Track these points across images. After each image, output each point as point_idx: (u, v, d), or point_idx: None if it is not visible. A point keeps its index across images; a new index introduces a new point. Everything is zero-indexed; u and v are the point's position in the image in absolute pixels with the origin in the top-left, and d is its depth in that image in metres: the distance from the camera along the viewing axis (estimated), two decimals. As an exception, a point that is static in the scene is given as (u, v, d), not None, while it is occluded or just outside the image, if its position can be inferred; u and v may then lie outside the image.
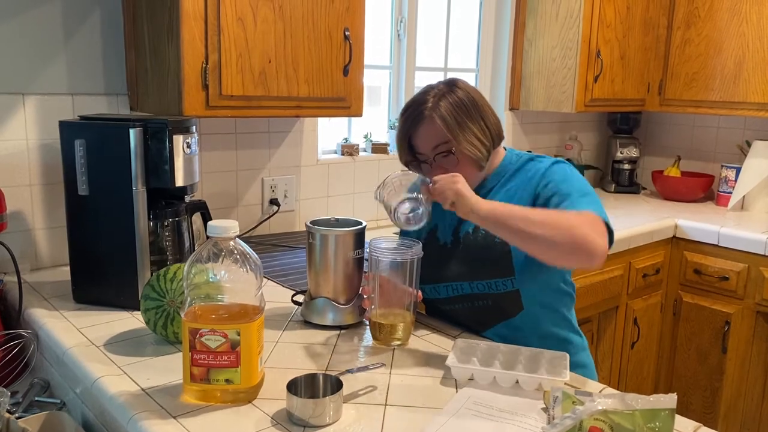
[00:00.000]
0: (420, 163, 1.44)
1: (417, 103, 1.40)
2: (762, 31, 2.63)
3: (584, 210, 1.28)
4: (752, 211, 2.83)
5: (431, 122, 1.37)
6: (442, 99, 1.38)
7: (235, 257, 1.05)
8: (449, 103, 1.38)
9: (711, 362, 2.55)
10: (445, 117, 1.37)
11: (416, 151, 1.42)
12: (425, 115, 1.38)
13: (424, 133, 1.39)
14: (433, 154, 1.40)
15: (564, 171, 1.40)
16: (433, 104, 1.38)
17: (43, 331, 1.38)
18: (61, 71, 1.72)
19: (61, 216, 1.61)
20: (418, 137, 1.41)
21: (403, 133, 1.43)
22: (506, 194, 1.42)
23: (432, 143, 1.39)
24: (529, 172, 1.43)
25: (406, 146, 1.43)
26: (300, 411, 1.00)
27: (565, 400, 0.77)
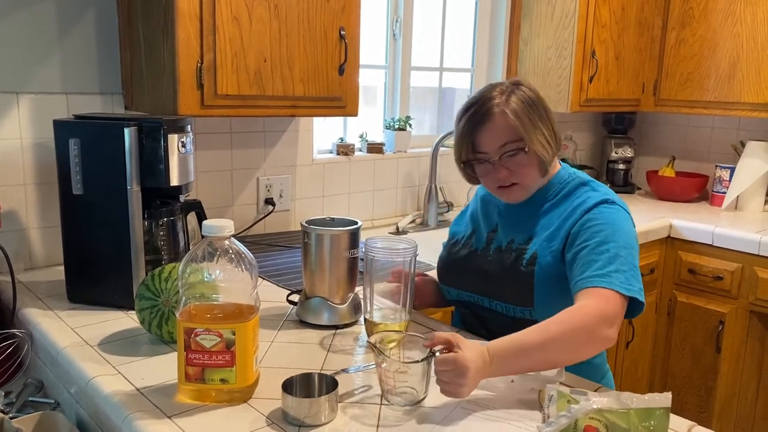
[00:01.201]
0: (480, 164, 1.36)
1: (484, 99, 1.32)
2: (756, 31, 2.64)
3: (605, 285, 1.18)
4: (746, 211, 2.84)
5: (503, 118, 1.30)
6: (511, 95, 1.31)
7: (230, 257, 1.05)
8: (520, 100, 1.31)
9: (705, 362, 2.55)
10: (518, 113, 1.30)
11: (478, 150, 1.34)
12: (495, 111, 1.30)
13: (493, 129, 1.31)
14: (499, 153, 1.31)
15: (614, 215, 1.29)
16: (503, 100, 1.30)
17: (37, 330, 1.38)
18: (55, 70, 1.71)
19: (55, 215, 1.60)
20: (484, 134, 1.32)
21: (468, 129, 1.33)
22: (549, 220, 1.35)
23: (500, 141, 1.31)
24: (576, 201, 1.34)
25: (469, 144, 1.34)
26: (295, 410, 1.00)
27: (560, 399, 0.77)
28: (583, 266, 1.23)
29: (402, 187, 2.59)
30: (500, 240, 1.42)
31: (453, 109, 2.96)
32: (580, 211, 1.31)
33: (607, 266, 1.21)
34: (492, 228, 1.45)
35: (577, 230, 1.29)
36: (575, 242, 1.28)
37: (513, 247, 1.38)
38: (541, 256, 1.33)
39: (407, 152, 2.59)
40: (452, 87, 2.92)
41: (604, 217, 1.29)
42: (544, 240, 1.35)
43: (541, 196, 1.40)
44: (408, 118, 2.60)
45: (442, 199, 2.62)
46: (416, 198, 2.65)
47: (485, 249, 1.43)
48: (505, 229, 1.43)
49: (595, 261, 1.23)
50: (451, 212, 2.66)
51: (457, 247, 1.50)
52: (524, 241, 1.38)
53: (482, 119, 1.31)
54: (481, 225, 1.49)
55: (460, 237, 1.51)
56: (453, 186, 2.76)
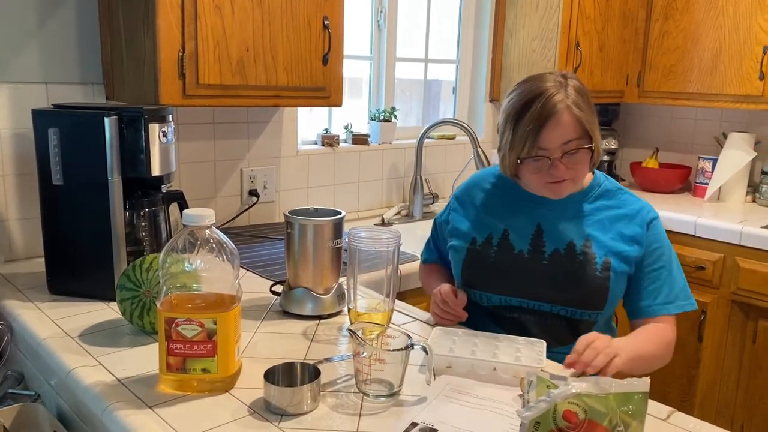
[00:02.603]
0: (536, 161, 1.30)
1: (546, 94, 1.26)
2: (738, 23, 2.66)
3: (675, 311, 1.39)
4: (728, 202, 2.87)
5: (568, 115, 1.26)
6: (569, 88, 1.27)
7: (211, 246, 1.04)
8: (577, 92, 1.28)
9: (687, 351, 2.58)
10: (582, 108, 1.27)
11: (540, 147, 1.28)
12: (560, 108, 1.25)
13: (559, 126, 1.26)
14: (561, 151, 1.27)
15: (664, 232, 1.41)
16: (565, 94, 1.26)
17: (17, 322, 1.36)
18: (34, 59, 1.69)
19: (35, 206, 1.58)
20: (550, 131, 1.26)
21: (535, 127, 1.26)
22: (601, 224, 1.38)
23: (565, 138, 1.27)
24: (626, 207, 1.39)
25: (532, 141, 1.27)
26: (277, 400, 1.00)
27: (540, 384, 0.78)
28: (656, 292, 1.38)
29: (387, 178, 2.59)
30: (555, 243, 1.38)
31: (438, 101, 2.96)
32: (641, 221, 1.38)
33: (673, 290, 1.38)
34: (534, 229, 1.40)
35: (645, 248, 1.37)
36: (645, 263, 1.38)
37: (576, 251, 1.36)
38: (614, 263, 1.35)
39: (392, 144, 2.59)
40: (438, 78, 2.92)
41: (661, 235, 1.40)
42: (609, 244, 1.36)
43: (582, 196, 1.41)
44: (393, 109, 2.60)
45: (427, 190, 2.63)
46: (401, 189, 2.65)
47: (536, 252, 1.38)
48: (555, 231, 1.39)
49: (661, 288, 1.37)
50: (436, 204, 2.66)
51: (490, 249, 1.41)
52: (584, 245, 1.36)
53: (548, 116, 1.26)
54: (513, 223, 1.41)
55: (485, 238, 1.43)
56: (438, 177, 2.77)
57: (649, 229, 1.37)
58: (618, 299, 1.40)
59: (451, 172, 2.80)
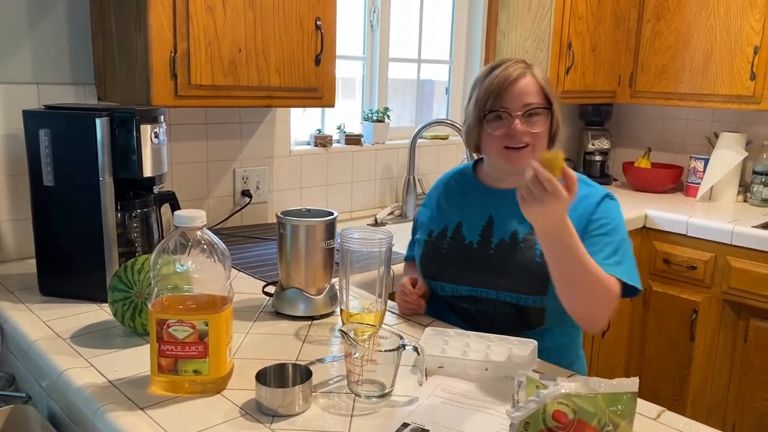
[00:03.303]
0: (498, 119, 1.38)
1: (514, 61, 1.40)
2: (729, 24, 2.68)
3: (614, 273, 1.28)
4: (720, 202, 2.89)
5: (532, 81, 1.38)
6: (533, 67, 1.41)
7: (202, 247, 1.04)
8: (542, 71, 1.42)
9: (680, 350, 2.60)
10: (546, 81, 1.41)
11: (502, 105, 1.38)
12: (527, 73, 1.38)
13: (523, 87, 1.37)
14: (522, 111, 1.36)
15: (617, 210, 1.41)
16: (530, 68, 1.40)
17: (8, 324, 1.36)
18: (25, 60, 1.68)
19: (26, 207, 1.58)
20: (514, 90, 1.37)
21: (497, 83, 1.37)
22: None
23: (527, 99, 1.37)
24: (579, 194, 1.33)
25: (494, 97, 1.38)
26: (269, 401, 1.00)
27: (529, 384, 0.78)
28: (595, 254, 1.28)
29: (380, 178, 2.59)
30: (501, 232, 1.42)
31: (431, 101, 2.97)
32: (588, 204, 1.38)
33: (612, 257, 1.31)
34: (486, 220, 1.45)
35: (586, 223, 1.35)
36: (586, 230, 1.35)
37: (519, 239, 1.40)
38: None
39: (385, 144, 2.59)
40: (431, 79, 2.92)
41: (609, 211, 1.39)
42: None
43: None
44: (386, 109, 2.60)
45: (420, 190, 2.63)
46: (395, 190, 2.65)
47: (484, 242, 1.43)
48: (503, 221, 1.43)
49: (601, 251, 1.32)
50: (430, 204, 2.66)
51: (444, 241, 1.48)
52: (528, 232, 1.39)
53: (511, 76, 1.37)
54: (467, 217, 1.47)
55: (441, 230, 1.49)
56: (431, 177, 2.76)
57: (598, 207, 1.38)
58: None
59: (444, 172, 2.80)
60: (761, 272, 2.35)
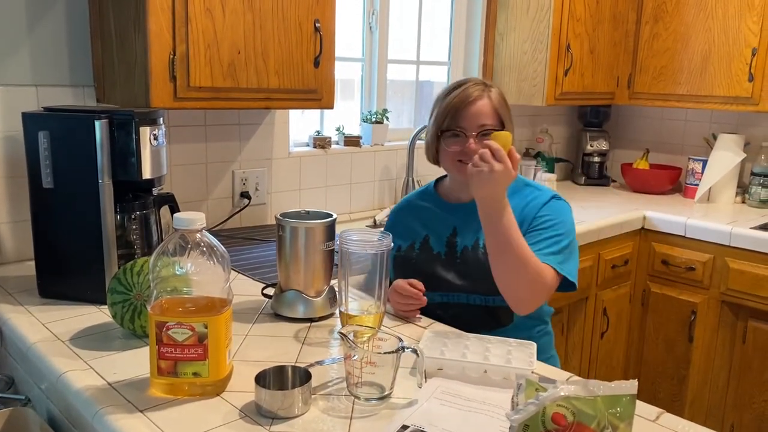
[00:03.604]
0: (454, 137, 1.48)
1: (473, 83, 1.48)
2: (727, 26, 2.68)
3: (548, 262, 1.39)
4: (718, 203, 2.89)
5: (488, 103, 1.46)
6: (492, 88, 1.49)
7: (201, 249, 1.04)
8: (498, 93, 1.50)
9: (678, 351, 2.60)
10: (502, 103, 1.49)
11: (457, 124, 1.47)
12: (484, 95, 1.47)
13: (479, 109, 1.46)
14: (477, 131, 1.45)
15: (563, 210, 1.50)
16: (488, 90, 1.48)
17: (7, 326, 1.36)
18: (24, 62, 1.68)
19: (25, 209, 1.58)
20: (470, 111, 1.46)
21: (456, 103, 1.46)
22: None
23: (481, 121, 1.46)
24: (527, 198, 1.51)
25: (451, 117, 1.47)
26: (268, 403, 1.00)
27: (529, 387, 0.78)
28: (534, 245, 1.41)
29: (379, 180, 2.59)
30: (465, 242, 1.53)
31: (430, 103, 2.96)
32: (534, 205, 1.49)
33: (551, 247, 1.42)
34: (451, 231, 1.55)
35: (531, 220, 1.47)
36: (531, 227, 1.47)
37: (480, 245, 1.50)
38: None
39: (384, 145, 2.60)
40: (429, 80, 2.93)
41: (554, 209, 1.49)
42: None
43: None
44: (385, 111, 2.60)
45: (419, 192, 2.63)
46: (393, 191, 2.65)
47: (450, 252, 1.53)
48: (467, 231, 1.53)
49: (541, 242, 1.43)
50: (429, 205, 2.66)
51: (413, 253, 1.58)
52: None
53: (468, 98, 1.46)
54: (433, 230, 1.57)
55: (408, 244, 1.58)
56: (430, 179, 2.76)
57: (543, 206, 1.48)
58: None
59: (443, 173, 2.80)
60: (759, 273, 2.35)
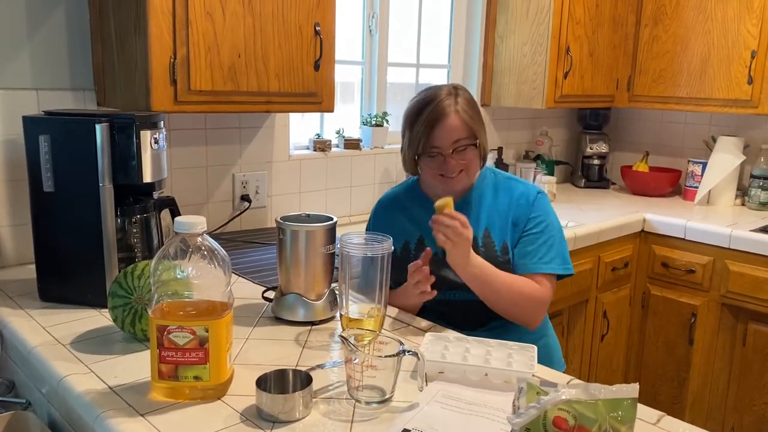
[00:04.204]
0: (431, 157, 1.49)
1: (436, 100, 1.46)
2: (726, 28, 2.69)
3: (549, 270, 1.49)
4: (718, 205, 2.89)
5: (456, 118, 1.46)
6: (459, 97, 1.48)
7: (202, 253, 1.04)
8: (468, 102, 1.49)
9: (678, 353, 2.60)
10: (469, 114, 1.48)
11: (432, 145, 1.47)
12: (450, 111, 1.45)
13: (447, 128, 1.45)
14: (451, 148, 1.46)
15: (548, 206, 1.55)
16: (455, 101, 1.47)
17: (7, 330, 1.36)
18: (24, 65, 1.68)
19: (26, 213, 1.58)
20: (441, 131, 1.46)
21: (426, 127, 1.46)
22: (495, 211, 1.54)
23: (454, 137, 1.46)
24: (514, 193, 1.55)
25: (425, 140, 1.47)
26: (269, 407, 1.00)
27: (530, 390, 0.78)
28: (532, 253, 1.49)
29: (379, 183, 2.59)
30: None
31: (430, 105, 2.96)
32: (523, 204, 1.53)
33: (547, 254, 1.49)
34: None
35: (526, 218, 1.52)
36: (525, 228, 1.52)
37: (479, 243, 1.51)
38: (510, 245, 1.52)
39: (384, 148, 2.60)
40: (430, 83, 2.92)
41: (543, 208, 1.54)
42: (505, 229, 1.53)
43: (475, 192, 1.57)
44: (385, 113, 2.60)
45: (419, 194, 2.63)
46: (393, 194, 2.65)
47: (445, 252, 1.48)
48: None
49: (538, 251, 1.49)
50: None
51: (409, 254, 1.57)
52: (484, 235, 1.53)
53: (438, 117, 1.46)
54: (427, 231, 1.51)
55: (402, 245, 1.58)
56: (430, 182, 2.77)
57: (533, 204, 1.53)
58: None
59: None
60: (759, 276, 2.35)
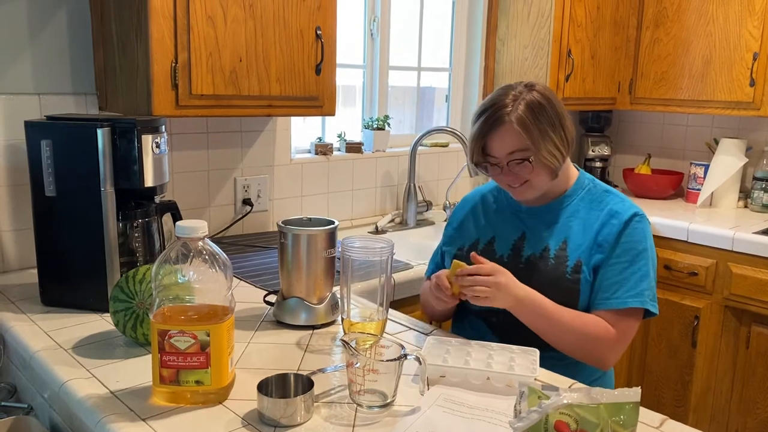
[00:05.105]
0: (490, 166, 1.40)
1: (497, 106, 1.35)
2: (728, 30, 2.69)
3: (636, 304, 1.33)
4: (720, 208, 2.89)
5: (509, 128, 1.33)
6: (522, 103, 1.34)
7: (204, 257, 1.04)
8: (530, 109, 1.33)
9: (681, 356, 2.59)
10: (526, 123, 1.32)
11: (488, 154, 1.38)
12: (505, 120, 1.33)
13: (500, 138, 1.35)
14: (507, 160, 1.36)
15: (645, 232, 1.38)
16: (514, 108, 1.33)
17: (9, 334, 1.36)
18: (26, 70, 1.69)
19: (28, 218, 1.58)
20: (494, 141, 1.36)
21: (479, 136, 1.37)
22: (581, 225, 1.41)
23: (508, 149, 1.35)
24: (605, 209, 1.40)
25: (479, 148, 1.39)
26: (271, 411, 1.00)
27: (531, 394, 0.78)
28: (618, 284, 1.34)
29: (381, 186, 2.59)
30: (533, 247, 1.43)
31: (431, 109, 2.97)
32: (617, 222, 1.38)
33: (638, 287, 1.34)
34: (519, 235, 1.46)
35: (614, 241, 1.37)
36: (611, 252, 1.36)
37: (550, 255, 1.40)
38: (585, 265, 1.38)
39: (386, 151, 2.60)
40: (431, 86, 2.93)
41: (637, 234, 1.37)
42: (583, 247, 1.39)
43: (565, 201, 1.45)
44: (386, 117, 2.60)
45: (421, 198, 2.63)
46: (395, 197, 2.65)
47: (514, 256, 1.44)
48: (535, 236, 1.44)
49: (627, 280, 1.34)
50: (430, 211, 2.67)
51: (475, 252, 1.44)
52: (559, 248, 1.41)
53: (492, 126, 1.35)
54: (500, 231, 1.49)
55: (471, 243, 1.50)
56: (432, 185, 2.77)
57: (626, 227, 1.37)
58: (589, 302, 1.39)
59: (445, 179, 2.81)
60: (762, 278, 2.34)
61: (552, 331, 1.33)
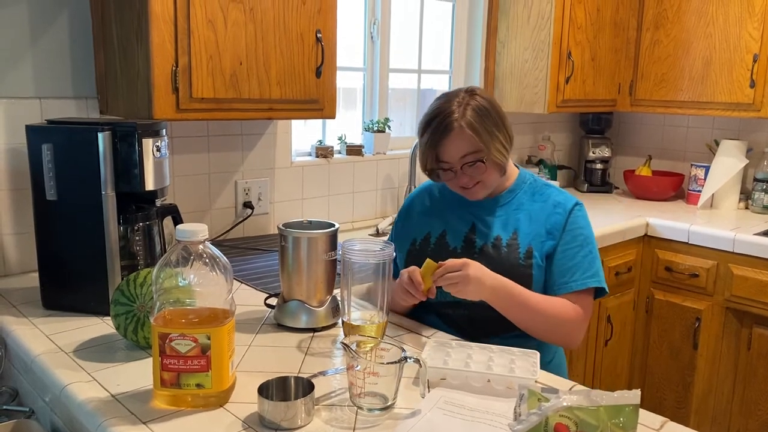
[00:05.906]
0: (443, 171, 1.45)
1: (445, 113, 1.40)
2: (728, 32, 2.69)
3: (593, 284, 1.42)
4: (721, 209, 2.89)
5: (461, 133, 1.38)
6: (468, 108, 1.39)
7: (204, 261, 1.05)
8: (475, 111, 1.40)
9: (683, 358, 2.59)
10: (475, 127, 1.39)
11: (441, 160, 1.43)
12: (455, 126, 1.38)
13: (453, 143, 1.40)
14: (460, 164, 1.41)
15: (586, 219, 1.50)
16: (461, 114, 1.39)
17: (11, 338, 1.36)
18: (27, 74, 1.69)
19: (29, 221, 1.58)
20: (446, 147, 1.41)
21: (432, 144, 1.42)
22: (528, 216, 1.48)
23: (461, 152, 1.40)
24: (549, 201, 1.49)
25: (432, 156, 1.43)
26: (271, 414, 1.00)
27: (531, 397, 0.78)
28: (574, 268, 1.43)
29: (381, 188, 2.60)
30: (484, 238, 1.48)
31: (432, 111, 2.97)
32: (562, 211, 1.47)
33: (589, 269, 1.44)
34: (469, 227, 1.51)
35: (562, 229, 1.45)
36: (561, 239, 1.45)
37: (502, 243, 1.46)
38: (537, 251, 1.45)
39: (386, 154, 2.60)
40: (431, 88, 2.93)
41: (581, 221, 1.48)
42: (532, 235, 1.46)
43: (510, 194, 1.52)
44: (387, 119, 2.61)
45: (421, 200, 2.63)
46: (396, 199, 2.65)
47: (467, 247, 1.49)
48: (485, 227, 1.50)
49: (580, 265, 1.44)
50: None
51: (428, 248, 1.52)
52: (510, 237, 1.47)
53: (443, 133, 1.40)
54: (450, 223, 1.53)
55: (423, 237, 1.54)
56: (432, 187, 2.77)
57: (570, 215, 1.46)
58: (544, 289, 1.46)
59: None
60: (763, 279, 2.34)
61: (528, 316, 1.39)
